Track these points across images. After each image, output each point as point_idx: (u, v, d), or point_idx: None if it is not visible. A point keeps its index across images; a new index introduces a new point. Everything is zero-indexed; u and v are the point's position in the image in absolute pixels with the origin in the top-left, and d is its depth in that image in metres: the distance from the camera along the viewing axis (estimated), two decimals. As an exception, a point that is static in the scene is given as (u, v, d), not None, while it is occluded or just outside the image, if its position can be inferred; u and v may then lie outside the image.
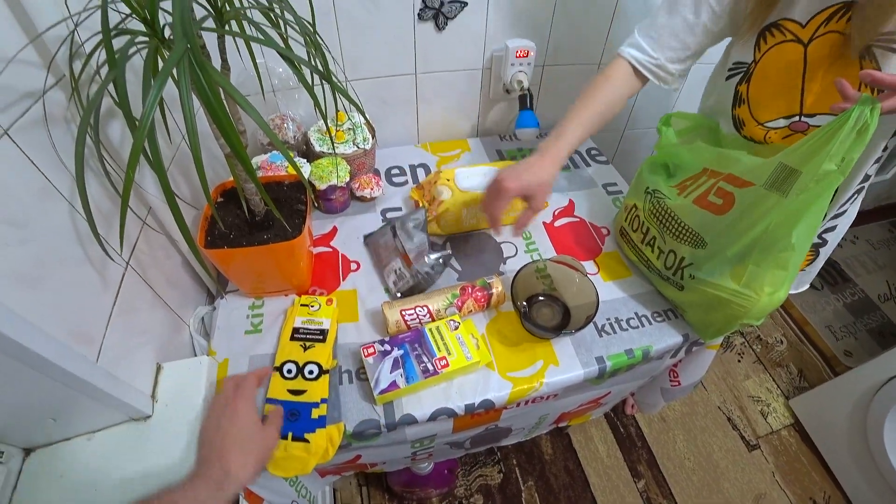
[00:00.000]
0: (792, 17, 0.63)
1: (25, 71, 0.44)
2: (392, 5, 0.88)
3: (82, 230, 0.48)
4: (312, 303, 0.73)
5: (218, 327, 0.71)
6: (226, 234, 0.64)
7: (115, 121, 0.54)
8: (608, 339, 0.76)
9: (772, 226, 0.60)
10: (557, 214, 0.96)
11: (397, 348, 0.67)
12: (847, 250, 2.31)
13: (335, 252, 0.84)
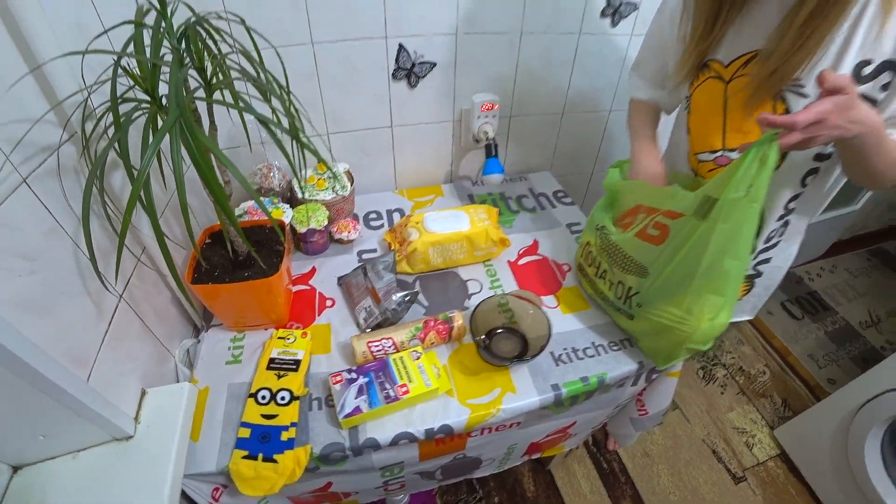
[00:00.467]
0: (717, 58, 0.73)
1: (45, 129, 0.53)
2: (369, 67, 1.00)
3: (83, 264, 0.56)
4: (289, 335, 0.80)
5: (201, 358, 0.78)
6: (211, 271, 0.72)
7: (116, 171, 0.64)
8: (564, 368, 0.81)
9: (703, 253, 0.67)
10: (521, 254, 1.04)
11: (363, 376, 0.73)
12: (826, 280, 2.37)
13: (313, 290, 0.92)
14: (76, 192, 0.56)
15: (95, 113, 0.56)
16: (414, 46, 0.99)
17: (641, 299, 0.78)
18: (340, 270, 0.95)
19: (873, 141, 0.61)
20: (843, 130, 0.58)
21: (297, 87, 0.91)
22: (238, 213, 0.92)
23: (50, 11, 0.51)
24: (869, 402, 1.18)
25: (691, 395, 1.71)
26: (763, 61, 0.67)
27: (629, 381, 0.88)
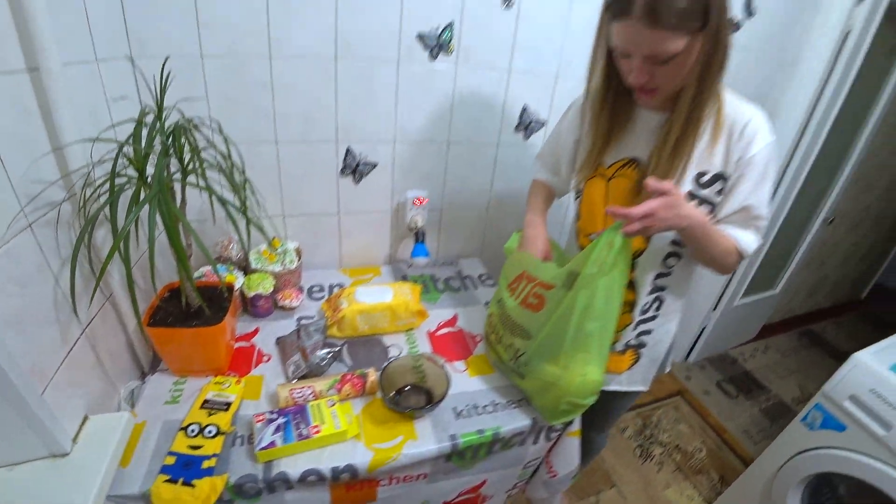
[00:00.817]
0: (602, 162, 0.96)
1: (52, 189, 0.70)
2: (321, 164, 1.25)
3: (59, 298, 0.70)
4: (224, 381, 0.92)
5: (143, 396, 0.88)
6: (165, 319, 0.86)
7: (100, 229, 0.79)
8: (464, 421, 0.95)
9: (570, 318, 0.85)
10: (440, 325, 1.21)
11: (282, 417, 0.85)
12: (759, 360, 2.59)
13: (253, 347, 1.05)
14: (65, 240, 0.72)
15: (94, 182, 0.74)
16: (359, 149, 1.26)
17: (527, 359, 0.94)
18: (280, 333, 1.09)
19: (700, 233, 0.82)
20: (671, 222, 0.78)
21: (261, 176, 1.15)
22: (196, 275, 1.07)
23: (74, 104, 0.71)
24: (783, 468, 1.33)
25: (628, 474, 1.78)
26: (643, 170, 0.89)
27: (527, 437, 1.00)
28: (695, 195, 0.88)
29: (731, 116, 0.84)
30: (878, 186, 2.81)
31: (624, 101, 0.90)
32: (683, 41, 0.72)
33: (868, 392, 1.29)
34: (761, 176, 0.86)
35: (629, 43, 0.75)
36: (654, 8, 0.68)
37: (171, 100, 0.80)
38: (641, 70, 0.77)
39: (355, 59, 1.15)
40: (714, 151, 0.85)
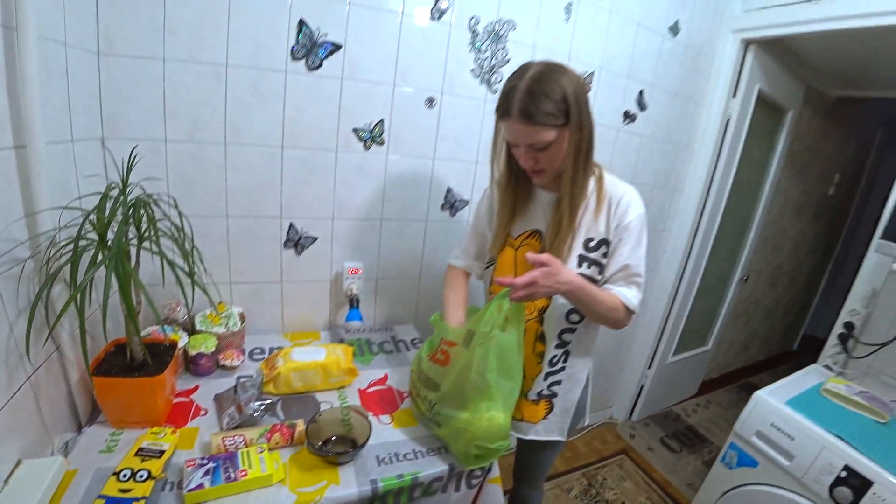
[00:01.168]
0: (510, 234, 1.14)
1: (20, 248, 0.81)
2: (266, 237, 1.39)
3: (10, 344, 0.79)
4: (161, 431, 0.98)
5: (78, 445, 0.94)
6: (109, 370, 0.95)
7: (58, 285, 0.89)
8: (385, 468, 1.02)
9: (470, 370, 0.97)
10: (371, 384, 1.30)
11: (212, 462, 0.92)
12: (701, 415, 2.70)
13: (191, 402, 1.12)
14: (23, 292, 0.83)
15: (58, 243, 0.86)
16: (301, 225, 1.42)
17: (439, 409, 1.05)
18: (219, 390, 1.16)
19: (581, 294, 0.99)
20: (552, 289, 0.95)
21: (211, 246, 1.29)
22: (143, 333, 1.15)
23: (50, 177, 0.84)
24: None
25: None
26: (543, 240, 1.08)
27: (448, 483, 1.07)
28: (585, 257, 1.06)
29: (610, 192, 1.06)
30: (784, 247, 3.13)
31: (524, 184, 1.11)
32: (553, 133, 0.94)
33: (770, 426, 1.43)
34: (637, 240, 1.06)
35: (513, 136, 0.98)
36: (526, 111, 0.91)
37: (134, 177, 0.96)
38: (527, 156, 0.99)
39: (299, 148, 1.35)
40: (598, 221, 1.05)
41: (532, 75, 0.93)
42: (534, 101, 0.91)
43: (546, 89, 0.91)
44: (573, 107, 0.93)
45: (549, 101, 0.91)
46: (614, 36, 1.76)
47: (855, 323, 1.67)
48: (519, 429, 1.22)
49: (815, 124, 2.87)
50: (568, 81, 0.93)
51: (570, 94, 0.92)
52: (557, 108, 0.92)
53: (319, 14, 1.26)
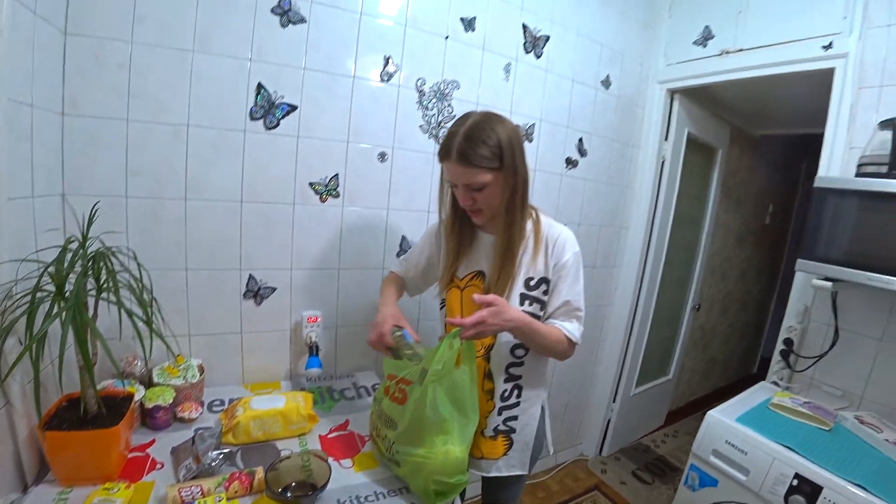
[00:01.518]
0: (457, 275, 1.20)
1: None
2: (226, 288, 1.42)
3: None
4: (114, 486, 0.96)
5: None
6: (61, 424, 0.94)
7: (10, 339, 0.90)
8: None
9: (425, 406, 1.00)
10: (332, 430, 1.31)
11: (169, 514, 0.91)
12: (670, 444, 2.72)
13: (147, 456, 1.10)
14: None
15: (14, 295, 0.87)
16: (260, 276, 1.46)
17: (398, 447, 1.07)
18: (177, 443, 1.15)
19: (526, 329, 1.06)
20: (499, 326, 1.02)
21: (170, 298, 1.31)
22: (98, 387, 1.14)
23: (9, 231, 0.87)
24: None
25: None
26: (488, 281, 1.14)
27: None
28: (527, 295, 1.14)
29: (547, 233, 1.15)
30: (731, 275, 3.32)
31: (468, 226, 1.20)
32: (489, 175, 1.04)
33: (724, 444, 1.49)
34: (574, 277, 1.15)
35: (452, 177, 1.07)
36: (463, 155, 1.02)
37: (94, 231, 1.00)
38: (465, 196, 1.08)
39: (258, 202, 1.42)
40: (537, 261, 1.13)
41: (471, 123, 1.03)
42: (471, 145, 1.01)
43: (483, 135, 1.02)
44: (507, 152, 1.04)
45: (485, 146, 1.02)
46: (551, 91, 1.95)
47: (793, 339, 1.79)
48: (480, 467, 1.24)
49: (745, 161, 3.15)
50: (503, 130, 1.04)
51: (504, 141, 1.03)
52: (492, 152, 1.03)
53: (276, 78, 1.37)
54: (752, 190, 3.32)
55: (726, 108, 2.71)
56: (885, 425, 1.47)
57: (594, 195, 2.22)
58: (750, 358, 4.03)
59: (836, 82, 1.67)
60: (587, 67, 2.06)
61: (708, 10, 2.10)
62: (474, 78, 1.72)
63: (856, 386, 1.63)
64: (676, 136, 2.33)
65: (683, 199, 2.52)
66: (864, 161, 1.47)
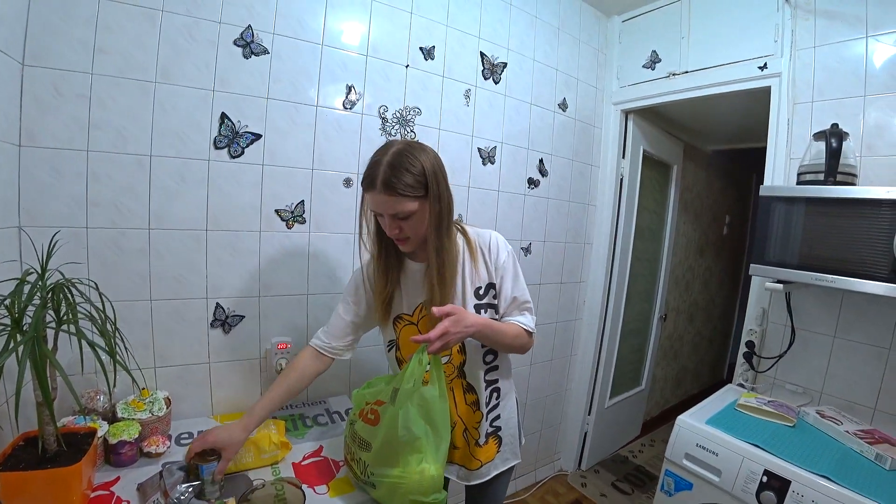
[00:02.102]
0: (404, 312, 1.20)
1: None
2: (192, 318, 1.40)
3: None
4: (74, 529, 0.92)
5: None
6: (17, 464, 0.90)
7: None
8: (323, 537, 1.01)
9: (397, 425, 1.00)
10: (306, 456, 1.28)
11: (135, 551, 0.87)
12: (648, 453, 2.75)
13: (112, 494, 1.05)
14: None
15: None
16: (228, 304, 1.44)
17: (373, 469, 1.06)
18: (143, 479, 1.11)
19: (488, 332, 1.09)
20: (463, 333, 1.03)
21: (135, 330, 1.29)
22: (59, 423, 1.10)
23: None
24: None
25: None
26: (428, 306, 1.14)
27: None
28: (480, 305, 1.17)
29: (477, 240, 1.19)
30: (694, 285, 3.44)
31: (395, 259, 1.19)
32: (415, 204, 1.05)
33: (696, 447, 1.52)
34: (514, 273, 1.19)
35: (378, 207, 1.07)
36: (388, 184, 1.01)
37: (54, 263, 0.98)
38: (392, 225, 1.07)
39: (224, 230, 1.42)
40: (478, 269, 1.17)
41: (394, 151, 1.03)
42: (395, 174, 1.00)
43: (406, 164, 1.01)
44: (431, 180, 1.05)
45: (409, 175, 1.01)
46: (511, 115, 2.03)
47: (754, 341, 1.86)
48: (482, 475, 1.24)
49: (700, 175, 3.31)
50: (426, 158, 1.05)
51: (428, 169, 1.04)
52: (417, 180, 1.03)
53: (240, 108, 1.39)
54: (709, 202, 3.48)
55: (678, 126, 2.87)
56: (844, 417, 1.53)
57: (557, 213, 2.29)
58: (719, 364, 4.14)
59: (773, 99, 1.80)
60: (544, 91, 2.16)
61: (654, 36, 2.25)
62: (435, 104, 1.79)
63: (815, 382, 1.71)
64: (633, 154, 2.45)
65: (643, 214, 2.63)
66: (803, 170, 1.58)
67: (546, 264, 2.26)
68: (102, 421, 1.17)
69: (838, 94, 1.63)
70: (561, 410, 2.59)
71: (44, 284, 0.91)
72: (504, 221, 2.04)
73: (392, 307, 1.20)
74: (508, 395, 1.28)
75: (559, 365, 2.51)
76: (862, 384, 1.59)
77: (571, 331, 2.53)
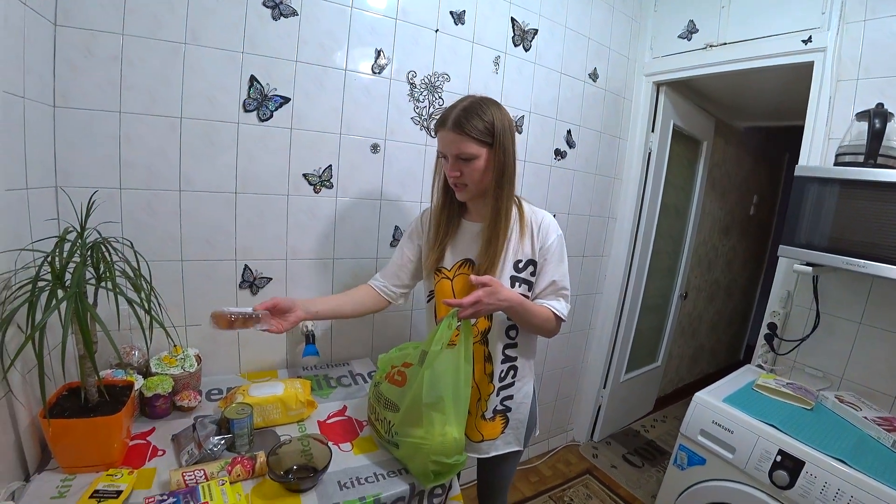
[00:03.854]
0: (444, 266, 1.23)
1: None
2: (221, 279, 1.44)
3: None
4: (117, 473, 0.97)
5: (27, 493, 0.91)
6: (62, 412, 0.95)
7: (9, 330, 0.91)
8: (347, 492, 1.04)
9: (423, 387, 1.03)
10: (331, 415, 1.33)
11: (172, 497, 0.92)
12: (659, 429, 2.79)
13: (148, 444, 1.12)
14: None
15: (12, 286, 0.88)
16: (255, 266, 1.47)
17: (398, 429, 1.09)
18: (177, 430, 1.16)
19: (519, 309, 1.10)
20: (494, 306, 1.05)
21: (166, 289, 1.32)
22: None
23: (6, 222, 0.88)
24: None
25: None
26: (475, 268, 1.18)
27: (409, 502, 1.10)
28: (516, 278, 1.18)
29: (531, 218, 1.19)
30: (717, 265, 3.39)
31: (455, 215, 1.24)
32: (480, 148, 1.08)
33: (711, 424, 1.54)
34: (559, 258, 1.19)
35: (444, 146, 1.11)
36: (458, 121, 1.06)
37: (90, 222, 1.00)
38: (454, 166, 1.11)
39: (252, 193, 1.43)
40: (524, 244, 1.18)
41: (470, 100, 1.10)
42: (467, 116, 1.07)
43: (478, 110, 1.08)
44: (499, 132, 1.09)
45: (479, 120, 1.07)
46: (540, 83, 1.98)
47: (777, 323, 1.84)
48: (481, 449, 1.27)
49: (730, 152, 3.21)
50: (499, 113, 1.10)
51: (497, 121, 1.09)
52: (486, 127, 1.08)
53: (269, 71, 1.38)
54: (737, 181, 3.39)
55: (711, 101, 2.77)
56: (863, 404, 1.53)
57: (582, 186, 2.26)
58: (736, 345, 4.12)
59: (815, 75, 1.72)
60: (575, 60, 2.09)
61: (692, 5, 2.15)
62: (464, 71, 1.75)
63: (836, 367, 1.69)
64: (662, 128, 2.38)
65: (669, 190, 2.57)
66: (842, 151, 1.52)
67: (569, 238, 2.18)
68: (138, 375, 1.22)
69: (886, 73, 1.55)
70: (576, 383, 2.63)
71: (83, 242, 0.93)
72: (529, 193, 2.02)
73: (438, 259, 1.24)
74: (525, 380, 1.28)
75: (577, 338, 2.52)
76: (884, 372, 1.57)
77: (591, 305, 2.53)
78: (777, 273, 1.87)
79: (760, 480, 1.38)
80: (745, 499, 1.42)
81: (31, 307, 0.83)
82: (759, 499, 1.37)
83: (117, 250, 1.01)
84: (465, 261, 1.21)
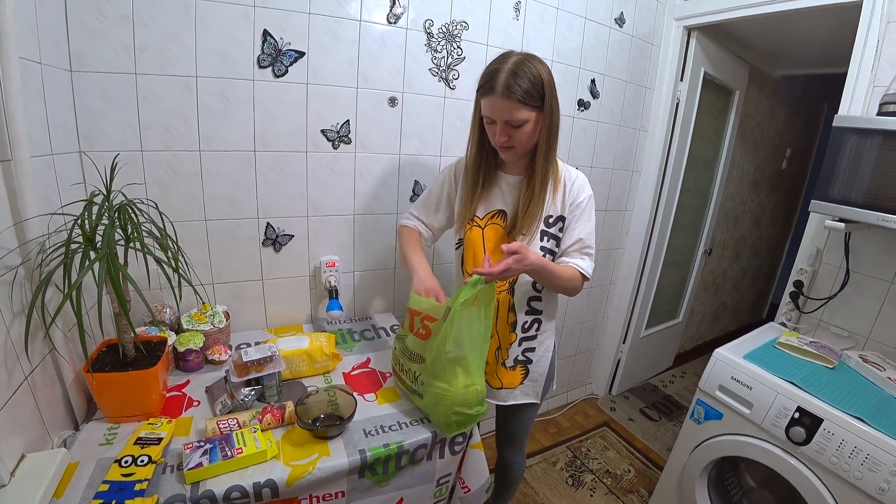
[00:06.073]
0: (477, 215, 1.23)
1: (10, 256, 0.86)
2: (244, 238, 1.46)
3: (8, 345, 0.84)
4: (157, 422, 1.04)
5: (78, 441, 0.99)
6: (103, 367, 1.00)
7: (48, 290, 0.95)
8: (371, 439, 1.10)
9: (447, 341, 1.06)
10: (354, 368, 1.38)
11: (209, 443, 0.98)
12: (678, 384, 2.82)
13: (184, 395, 1.18)
14: (17, 297, 0.87)
15: (47, 249, 0.92)
16: (277, 224, 1.49)
17: (423, 379, 1.14)
18: (210, 382, 1.22)
19: (543, 271, 1.10)
20: (520, 270, 1.06)
21: (192, 249, 1.35)
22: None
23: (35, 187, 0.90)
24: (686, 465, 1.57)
25: (562, 502, 1.91)
26: (512, 218, 1.19)
27: (432, 450, 1.15)
28: (546, 232, 1.18)
29: (564, 175, 1.19)
30: (744, 220, 3.30)
31: (490, 168, 1.23)
32: (530, 113, 1.06)
33: (730, 380, 1.54)
34: (588, 217, 1.19)
35: (493, 112, 1.08)
36: (509, 88, 1.03)
37: (115, 185, 1.02)
38: (502, 131, 1.09)
39: (271, 151, 1.43)
40: (556, 200, 1.18)
41: (515, 60, 1.05)
42: (516, 80, 1.03)
43: (527, 71, 1.04)
44: (548, 92, 1.06)
45: (529, 83, 1.04)
46: (563, 30, 1.88)
47: (803, 281, 1.80)
48: (499, 396, 1.32)
49: (763, 103, 3.04)
50: (544, 69, 1.07)
51: (545, 80, 1.06)
52: (536, 90, 1.05)
53: (282, 25, 1.34)
54: (769, 133, 3.23)
55: (745, 47, 2.60)
56: (888, 364, 1.50)
57: (606, 138, 2.18)
58: (760, 303, 4.06)
59: (863, 16, 1.58)
60: (600, 4, 1.97)
61: (731, -62, 1.98)
62: (483, 18, 1.67)
63: (862, 327, 1.66)
64: (692, 77, 2.26)
65: (698, 143, 2.47)
66: (888, 100, 1.42)
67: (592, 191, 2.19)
68: (170, 331, 1.28)
69: (941, 12, 1.43)
70: (596, 337, 2.65)
71: (110, 205, 0.95)
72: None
73: (470, 209, 1.24)
74: (548, 335, 1.32)
75: (598, 293, 2.52)
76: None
77: (613, 259, 2.51)
78: (807, 229, 1.81)
79: (776, 436, 1.39)
80: (759, 452, 1.43)
81: (67, 269, 0.86)
82: (773, 453, 1.39)
83: (143, 211, 1.03)
84: (498, 212, 1.22)
